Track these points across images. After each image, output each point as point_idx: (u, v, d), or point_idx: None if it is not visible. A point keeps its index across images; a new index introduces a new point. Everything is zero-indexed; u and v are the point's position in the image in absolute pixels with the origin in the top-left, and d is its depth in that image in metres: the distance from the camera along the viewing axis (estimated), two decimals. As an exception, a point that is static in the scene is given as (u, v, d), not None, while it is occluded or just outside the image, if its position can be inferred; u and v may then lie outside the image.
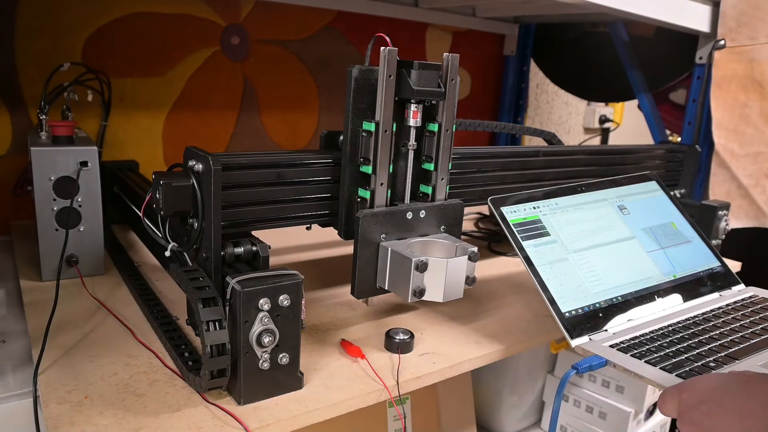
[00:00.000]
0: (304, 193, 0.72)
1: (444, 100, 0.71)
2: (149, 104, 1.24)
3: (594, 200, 0.88)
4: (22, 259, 0.93)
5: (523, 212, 0.80)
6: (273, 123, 1.42)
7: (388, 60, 0.66)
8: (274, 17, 1.36)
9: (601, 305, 0.76)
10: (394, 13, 1.46)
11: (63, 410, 0.56)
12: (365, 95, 0.69)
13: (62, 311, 0.75)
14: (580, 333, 0.72)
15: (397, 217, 0.71)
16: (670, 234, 0.91)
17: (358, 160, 0.70)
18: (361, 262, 0.69)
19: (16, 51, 1.09)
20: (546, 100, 2.24)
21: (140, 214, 0.71)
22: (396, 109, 0.69)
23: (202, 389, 0.58)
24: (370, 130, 0.68)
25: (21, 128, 1.11)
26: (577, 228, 0.83)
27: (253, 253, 0.65)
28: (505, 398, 1.17)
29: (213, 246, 0.62)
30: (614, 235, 0.85)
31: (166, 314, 0.76)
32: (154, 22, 1.21)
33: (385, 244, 0.70)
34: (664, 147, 1.30)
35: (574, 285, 0.77)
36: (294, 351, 0.60)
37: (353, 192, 0.72)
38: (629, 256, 0.84)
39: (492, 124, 1.08)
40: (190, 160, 0.63)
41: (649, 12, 1.15)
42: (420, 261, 0.65)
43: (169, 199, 0.61)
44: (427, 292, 0.67)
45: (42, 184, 0.81)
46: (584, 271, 0.79)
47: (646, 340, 0.71)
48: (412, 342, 0.72)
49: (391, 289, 0.70)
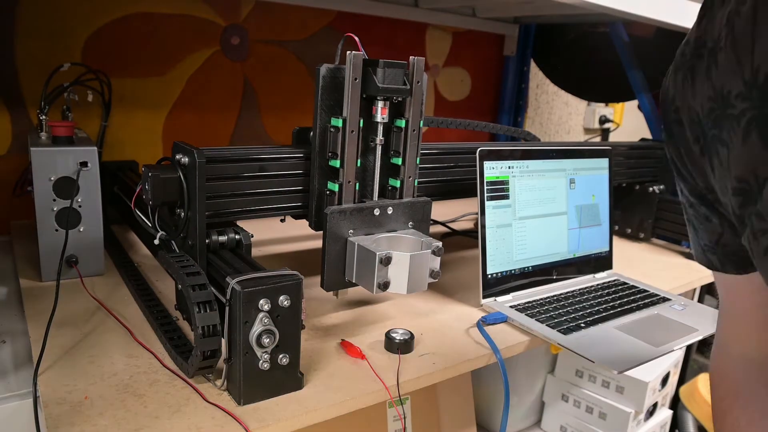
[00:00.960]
0: (278, 186, 0.75)
1: (410, 96, 0.73)
2: (149, 104, 1.24)
3: (555, 168, 0.96)
4: (22, 259, 0.93)
5: (499, 170, 0.88)
6: (273, 123, 1.42)
7: (353, 64, 0.68)
8: (274, 17, 1.36)
9: (515, 272, 0.90)
10: (394, 14, 1.46)
11: (63, 410, 0.56)
12: (333, 92, 0.71)
13: (62, 311, 0.75)
14: (490, 294, 0.87)
15: (365, 213, 0.73)
16: (592, 215, 1.01)
17: (327, 155, 0.73)
18: (330, 256, 0.71)
19: (17, 51, 1.09)
20: (546, 100, 2.24)
21: (131, 205, 0.74)
22: (364, 105, 0.71)
23: (191, 370, 0.60)
24: (337, 126, 0.70)
25: (21, 128, 1.11)
26: (531, 195, 0.92)
27: (236, 241, 0.70)
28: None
29: (198, 234, 0.67)
30: (554, 208, 0.95)
31: (166, 314, 0.76)
32: (154, 22, 1.21)
33: (352, 239, 0.72)
34: (643, 144, 1.34)
35: (505, 250, 0.88)
36: (294, 351, 0.60)
37: (323, 185, 0.74)
38: (554, 230, 0.95)
39: (464, 122, 1.08)
40: (177, 153, 0.68)
41: (648, 12, 1.14)
42: (384, 255, 0.67)
43: (157, 190, 0.67)
44: (392, 284, 0.69)
45: (42, 184, 0.81)
46: (517, 239, 0.90)
47: (537, 304, 0.87)
48: (411, 342, 0.72)
49: (358, 282, 0.72)
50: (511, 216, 0.89)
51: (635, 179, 1.31)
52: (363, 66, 0.69)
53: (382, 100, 0.72)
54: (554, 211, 0.95)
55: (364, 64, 0.69)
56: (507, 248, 0.88)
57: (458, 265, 1.06)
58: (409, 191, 0.77)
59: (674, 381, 1.34)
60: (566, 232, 0.96)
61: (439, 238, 1.26)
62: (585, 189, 0.99)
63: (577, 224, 0.98)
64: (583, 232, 0.98)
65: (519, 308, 0.85)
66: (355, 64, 0.69)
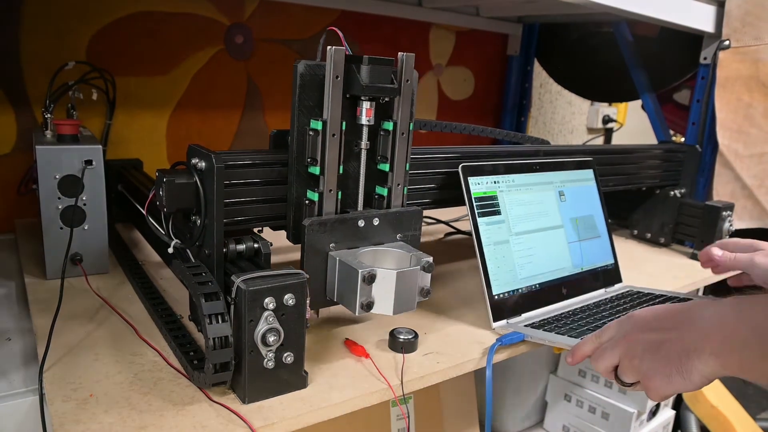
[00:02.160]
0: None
1: (399, 96, 0.68)
2: (153, 103, 1.25)
3: (542, 182, 0.91)
4: (26, 257, 0.93)
5: (485, 185, 0.83)
6: (276, 122, 1.42)
7: (335, 60, 0.62)
8: (278, 16, 1.36)
9: (523, 291, 0.83)
10: (397, 13, 1.46)
11: (68, 408, 0.56)
12: (313, 92, 0.65)
13: (67, 309, 0.75)
14: (500, 317, 0.79)
15: (348, 225, 0.67)
16: (589, 227, 0.96)
17: (306, 161, 0.67)
18: (309, 272, 0.64)
19: (21, 50, 1.09)
20: (549, 99, 2.24)
21: (143, 211, 0.71)
22: (348, 106, 0.66)
23: (206, 385, 0.58)
24: (317, 129, 0.64)
25: (26, 127, 1.12)
26: (523, 210, 0.87)
27: (255, 250, 0.65)
28: (508, 398, 1.17)
29: (215, 243, 0.62)
30: (549, 222, 0.90)
31: (171, 313, 0.76)
32: (158, 21, 1.21)
33: (333, 253, 0.66)
34: (664, 147, 1.30)
35: (507, 268, 0.82)
36: (298, 350, 0.60)
37: (301, 194, 0.68)
38: (554, 244, 0.90)
39: (460, 126, 1.01)
40: (193, 157, 0.63)
41: (653, 12, 1.14)
42: (367, 272, 0.62)
43: (172, 196, 0.62)
44: (376, 304, 0.63)
45: (47, 182, 0.81)
46: (517, 256, 0.84)
47: (553, 320, 0.81)
48: (416, 342, 0.72)
49: (339, 302, 0.67)
50: (507, 232, 0.83)
51: (656, 183, 1.26)
52: (346, 62, 0.63)
53: (367, 100, 0.66)
54: (550, 225, 0.90)
55: (347, 60, 0.63)
56: (509, 266, 0.82)
57: (463, 274, 1.05)
58: (397, 200, 0.71)
59: (677, 381, 1.34)
60: (567, 246, 0.91)
61: (442, 237, 1.27)
62: (576, 201, 0.95)
63: (576, 237, 0.93)
64: (584, 245, 0.94)
65: (535, 326, 0.79)
66: (336, 60, 0.62)
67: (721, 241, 0.88)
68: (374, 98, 0.66)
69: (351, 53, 0.64)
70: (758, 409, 2.08)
